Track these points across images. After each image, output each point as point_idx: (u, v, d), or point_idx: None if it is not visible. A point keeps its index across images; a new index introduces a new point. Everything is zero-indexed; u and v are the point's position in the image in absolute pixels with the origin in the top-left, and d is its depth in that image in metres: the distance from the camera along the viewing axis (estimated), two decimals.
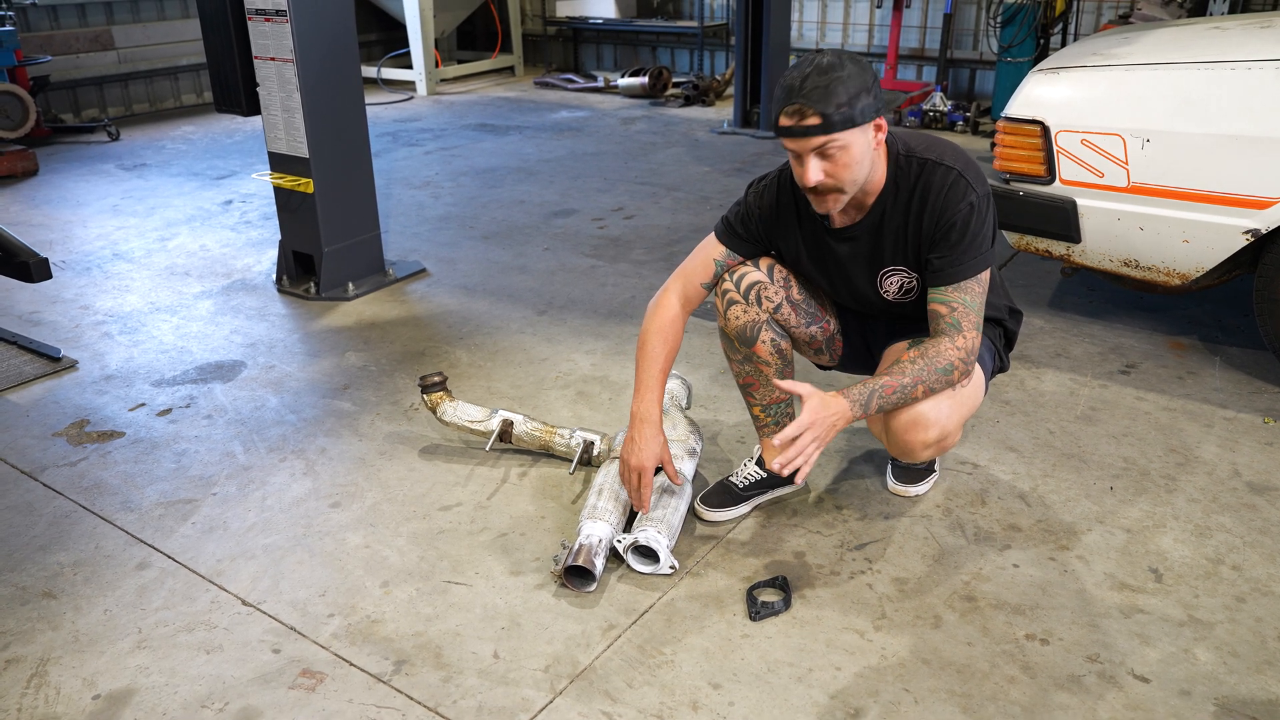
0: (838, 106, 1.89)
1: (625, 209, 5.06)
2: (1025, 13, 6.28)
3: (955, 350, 2.01)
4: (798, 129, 1.92)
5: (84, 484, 2.65)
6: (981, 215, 2.02)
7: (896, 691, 1.90)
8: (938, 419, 2.07)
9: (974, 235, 2.01)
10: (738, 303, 2.24)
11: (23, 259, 3.20)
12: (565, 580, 2.18)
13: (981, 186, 2.02)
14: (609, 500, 2.31)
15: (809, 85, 1.89)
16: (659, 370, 2.25)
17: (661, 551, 2.20)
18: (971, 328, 2.03)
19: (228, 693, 1.92)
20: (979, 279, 2.03)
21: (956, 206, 2.00)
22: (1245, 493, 2.51)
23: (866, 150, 1.98)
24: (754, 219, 2.23)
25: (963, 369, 2.03)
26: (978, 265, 2.02)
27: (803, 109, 1.90)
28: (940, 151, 2.05)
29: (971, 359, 2.03)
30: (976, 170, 2.04)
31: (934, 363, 2.01)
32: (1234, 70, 2.81)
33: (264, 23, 3.58)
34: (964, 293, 2.02)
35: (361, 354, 3.43)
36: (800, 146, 1.95)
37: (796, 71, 1.93)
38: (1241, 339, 3.37)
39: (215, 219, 5.03)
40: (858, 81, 1.90)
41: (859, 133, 1.94)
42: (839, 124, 1.90)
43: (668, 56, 9.06)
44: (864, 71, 1.93)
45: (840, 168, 1.96)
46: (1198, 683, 1.90)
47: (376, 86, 8.51)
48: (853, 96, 1.90)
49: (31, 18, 6.96)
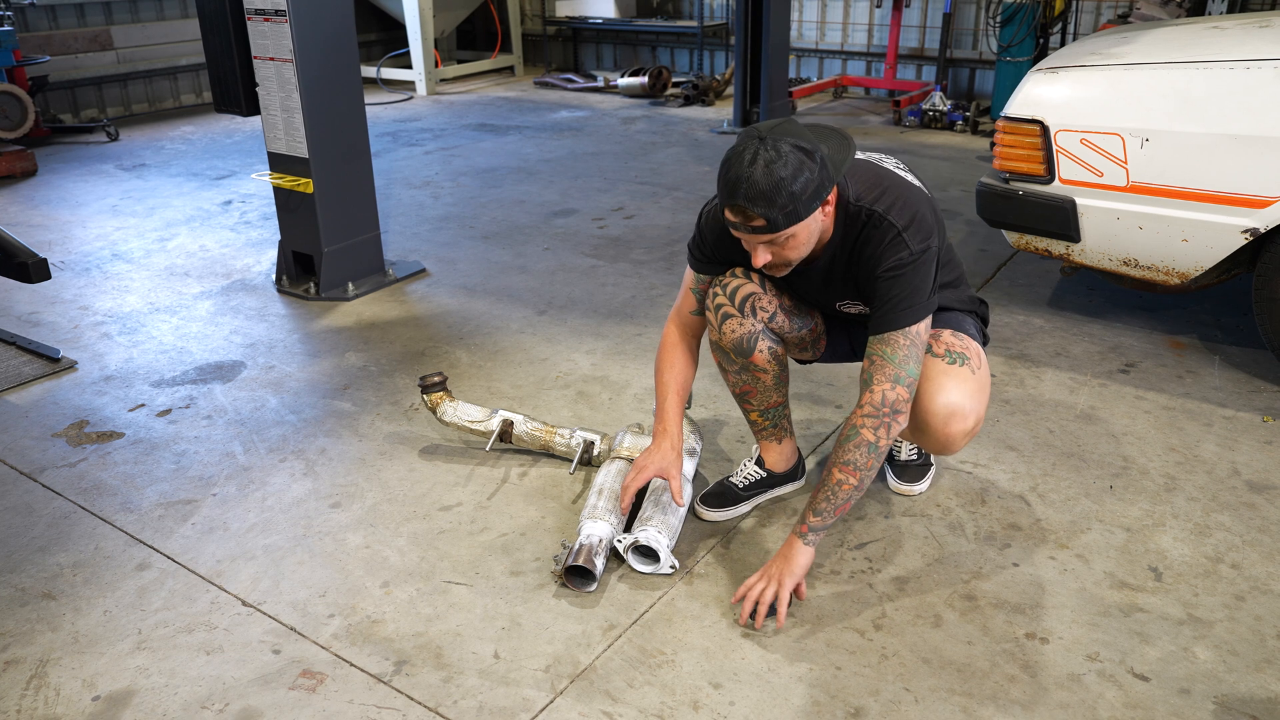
0: (782, 210, 1.85)
1: (625, 209, 5.06)
2: (1024, 12, 6.28)
3: (859, 413, 1.99)
4: (744, 227, 1.91)
5: (83, 485, 2.65)
6: (915, 270, 1.98)
7: (897, 691, 1.90)
8: (973, 407, 2.11)
9: (903, 289, 1.98)
10: (733, 316, 2.22)
11: (22, 259, 3.20)
12: (566, 580, 2.18)
13: (920, 242, 1.98)
14: (609, 500, 2.31)
15: (755, 189, 1.83)
16: (672, 394, 2.29)
17: (662, 551, 2.20)
18: (884, 380, 1.97)
19: (228, 693, 1.92)
20: (906, 331, 1.99)
21: (887, 262, 1.99)
22: (1244, 491, 2.51)
23: (816, 229, 1.97)
24: (709, 243, 2.21)
25: (872, 426, 1.98)
26: (906, 318, 1.99)
27: (747, 211, 1.86)
28: (889, 202, 2.01)
29: (881, 412, 1.98)
30: (921, 223, 1.99)
31: (840, 439, 2.01)
32: (1233, 70, 2.81)
33: (263, 23, 3.58)
34: (885, 345, 2.00)
35: (361, 354, 3.43)
36: (747, 240, 1.95)
37: (740, 163, 1.85)
38: (1241, 338, 3.38)
39: (215, 219, 5.03)
40: (802, 178, 1.84)
41: (806, 221, 1.91)
42: (784, 223, 1.87)
43: (667, 56, 9.06)
44: (813, 161, 1.85)
45: (789, 250, 1.96)
46: (1197, 681, 1.91)
47: (376, 86, 8.51)
48: (798, 197, 1.85)
49: (30, 18, 6.96)
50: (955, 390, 2.10)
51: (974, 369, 2.15)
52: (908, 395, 1.99)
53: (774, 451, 2.47)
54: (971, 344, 2.19)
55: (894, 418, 1.98)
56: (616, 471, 2.44)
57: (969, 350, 2.16)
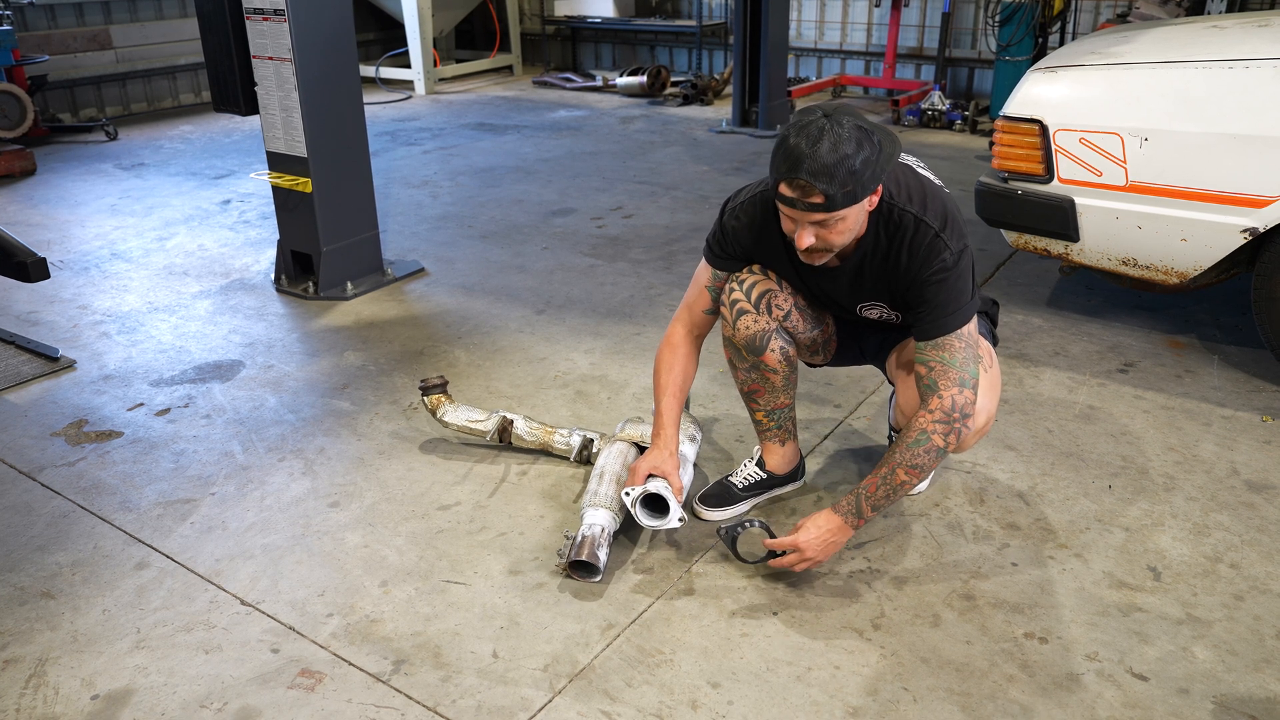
0: (843, 188, 1.84)
1: (624, 208, 5.06)
2: (1023, 11, 6.28)
3: (928, 418, 2.01)
4: (800, 204, 1.88)
5: (82, 484, 2.64)
6: (958, 272, 2.01)
7: (895, 690, 1.90)
8: (984, 405, 2.11)
9: (949, 292, 2.01)
10: (748, 312, 2.22)
11: (20, 259, 3.20)
12: (571, 572, 2.18)
13: (958, 241, 2.00)
14: (610, 485, 2.32)
15: (818, 162, 1.81)
16: (669, 398, 2.30)
17: (671, 501, 2.18)
18: (950, 385, 2.00)
19: (226, 692, 1.92)
20: (959, 334, 2.02)
21: (932, 266, 2.00)
22: (1243, 491, 2.51)
23: (862, 217, 1.97)
24: (732, 240, 2.21)
25: (942, 431, 2.00)
26: (956, 320, 2.01)
27: (808, 186, 1.84)
28: (923, 203, 2.02)
29: (952, 418, 2.00)
30: (956, 224, 2.02)
31: (905, 440, 2.03)
32: (1232, 69, 2.81)
33: (262, 22, 3.57)
34: (942, 350, 2.02)
35: (360, 353, 3.43)
36: (799, 217, 1.92)
37: (805, 138, 1.83)
38: (1240, 337, 3.38)
39: (213, 218, 5.02)
40: (867, 160, 1.83)
41: (858, 206, 1.92)
42: (842, 203, 1.86)
43: (666, 55, 9.06)
44: (872, 145, 1.84)
45: (834, 234, 1.95)
46: (1196, 681, 1.91)
47: (375, 86, 8.50)
48: (860, 177, 1.84)
49: (29, 17, 6.95)
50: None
51: (985, 367, 2.15)
52: (974, 397, 2.02)
53: (776, 453, 2.47)
54: (982, 342, 2.19)
55: (964, 422, 2.01)
56: (618, 453, 2.45)
57: (980, 348, 2.16)
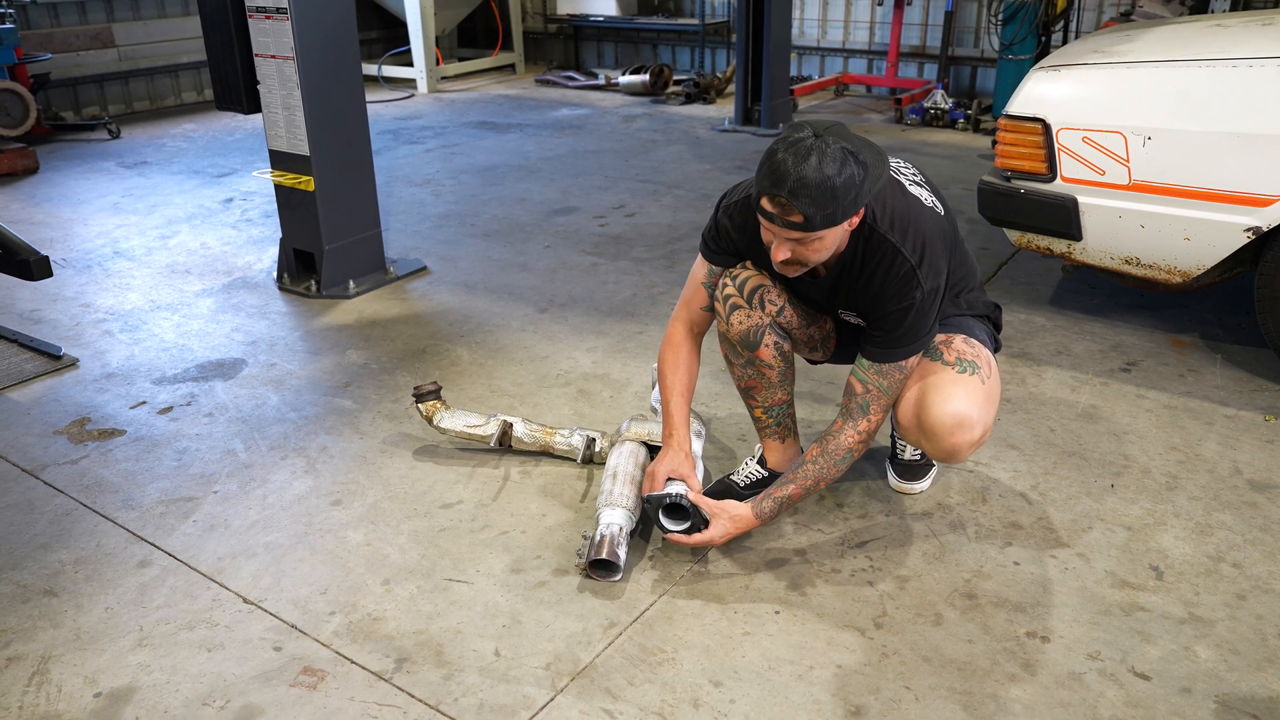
0: (823, 211, 1.83)
1: (626, 206, 5.06)
2: (1026, 10, 6.27)
3: (854, 436, 2.15)
4: (779, 220, 1.88)
5: (85, 482, 2.65)
6: (922, 310, 2.02)
7: (897, 689, 1.90)
8: (981, 417, 2.12)
9: (908, 327, 2.03)
10: (741, 307, 2.23)
11: (23, 257, 3.20)
12: (590, 572, 2.19)
13: (931, 279, 2.01)
14: (624, 484, 2.33)
15: (801, 182, 1.79)
16: (678, 397, 2.32)
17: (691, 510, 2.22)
18: (879, 411, 2.14)
19: (229, 690, 1.92)
20: (902, 366, 2.09)
21: (902, 301, 2.01)
22: (1246, 490, 2.51)
23: (841, 236, 1.97)
24: (726, 235, 2.22)
25: (861, 450, 2.17)
26: (907, 352, 2.07)
27: (788, 205, 1.83)
28: (904, 231, 2.01)
29: (870, 438, 2.17)
30: (933, 258, 2.01)
31: (833, 457, 2.16)
32: (1235, 68, 2.81)
33: (264, 20, 3.58)
34: (884, 377, 2.09)
35: (362, 352, 3.43)
36: (777, 233, 1.92)
37: (792, 155, 1.81)
38: (1242, 337, 3.37)
39: (216, 217, 5.03)
40: (850, 183, 1.82)
41: (838, 228, 1.91)
42: (820, 225, 1.86)
43: (669, 54, 9.05)
44: (858, 168, 1.83)
45: (811, 252, 1.95)
46: (1198, 680, 1.91)
47: (377, 84, 8.50)
48: (842, 201, 1.83)
49: (32, 15, 6.95)
50: (964, 400, 2.10)
51: (984, 378, 2.14)
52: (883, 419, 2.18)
53: (777, 451, 2.47)
54: (983, 352, 2.18)
55: (870, 442, 2.19)
56: (629, 453, 2.45)
57: (980, 358, 2.16)
